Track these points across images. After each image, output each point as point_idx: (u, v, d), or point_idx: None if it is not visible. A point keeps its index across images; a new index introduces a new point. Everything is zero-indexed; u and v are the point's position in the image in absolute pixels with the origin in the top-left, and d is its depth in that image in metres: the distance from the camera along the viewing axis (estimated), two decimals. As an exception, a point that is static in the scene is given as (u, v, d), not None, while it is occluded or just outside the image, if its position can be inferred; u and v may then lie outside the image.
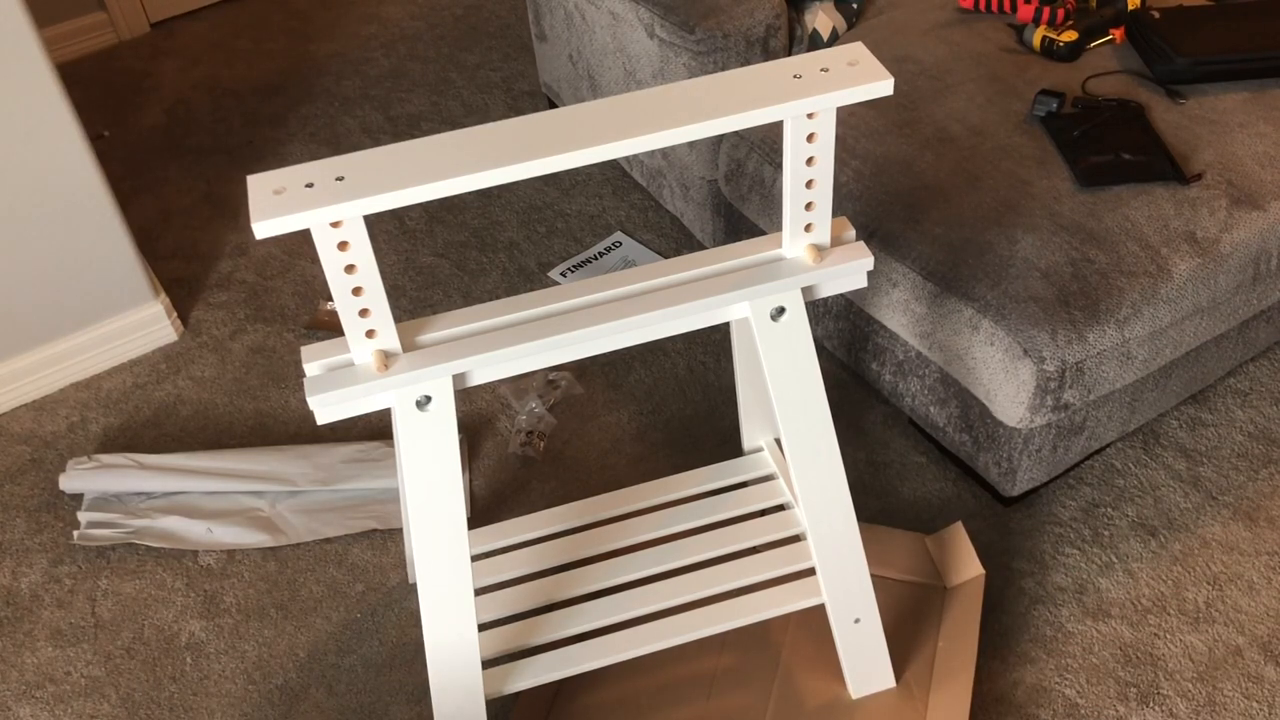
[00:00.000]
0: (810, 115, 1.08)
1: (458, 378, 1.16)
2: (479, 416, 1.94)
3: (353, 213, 0.98)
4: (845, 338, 1.81)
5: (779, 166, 1.76)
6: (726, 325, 2.02)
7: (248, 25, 3.12)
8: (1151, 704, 1.48)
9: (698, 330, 2.06)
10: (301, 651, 1.62)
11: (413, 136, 2.62)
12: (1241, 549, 1.65)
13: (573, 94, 2.37)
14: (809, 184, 1.14)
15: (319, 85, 2.83)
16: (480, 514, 1.78)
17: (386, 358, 1.11)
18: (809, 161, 1.12)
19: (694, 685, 1.48)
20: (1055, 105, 1.69)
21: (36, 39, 1.72)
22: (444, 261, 2.26)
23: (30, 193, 1.84)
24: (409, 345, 1.14)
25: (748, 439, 1.59)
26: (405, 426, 1.14)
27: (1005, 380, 1.48)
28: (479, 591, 1.45)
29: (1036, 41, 1.84)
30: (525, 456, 1.86)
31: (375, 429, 1.92)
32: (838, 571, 1.35)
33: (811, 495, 1.29)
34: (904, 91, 1.80)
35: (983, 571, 1.54)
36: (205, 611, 1.68)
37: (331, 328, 2.13)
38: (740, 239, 1.98)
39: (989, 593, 1.62)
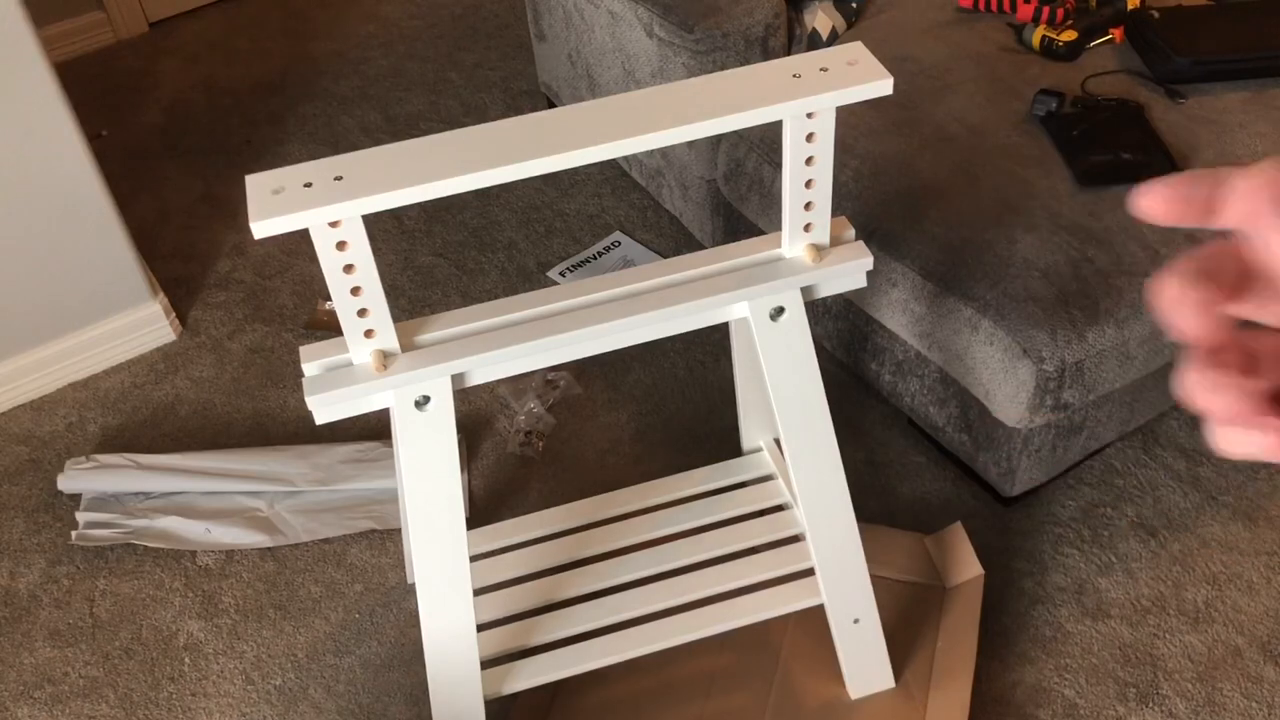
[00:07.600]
0: (809, 115, 1.08)
1: (456, 378, 1.16)
2: (478, 416, 1.93)
3: (351, 212, 0.98)
4: (844, 338, 1.81)
5: (778, 166, 1.76)
6: (726, 325, 2.02)
7: (246, 25, 3.12)
8: (1151, 704, 1.48)
9: (697, 330, 2.06)
10: (300, 652, 1.62)
11: (411, 136, 2.61)
12: (1241, 549, 1.65)
13: (571, 93, 2.37)
14: (808, 184, 1.14)
15: (317, 85, 2.83)
16: (479, 514, 1.78)
17: (385, 358, 1.11)
18: (808, 161, 1.12)
19: (693, 685, 1.48)
20: (1055, 105, 1.69)
21: (35, 38, 1.72)
22: (442, 261, 2.25)
23: (28, 192, 1.84)
24: (407, 345, 1.14)
25: (747, 439, 1.59)
26: (404, 426, 1.14)
27: (1004, 380, 1.48)
28: (478, 592, 1.45)
29: (1036, 41, 1.84)
30: (524, 456, 1.86)
31: (374, 429, 1.92)
32: (837, 572, 1.35)
33: (811, 495, 1.29)
34: (903, 91, 1.79)
35: (982, 572, 1.54)
36: (203, 612, 1.67)
37: (330, 327, 2.12)
38: (739, 239, 1.97)
39: (988, 593, 1.62)
